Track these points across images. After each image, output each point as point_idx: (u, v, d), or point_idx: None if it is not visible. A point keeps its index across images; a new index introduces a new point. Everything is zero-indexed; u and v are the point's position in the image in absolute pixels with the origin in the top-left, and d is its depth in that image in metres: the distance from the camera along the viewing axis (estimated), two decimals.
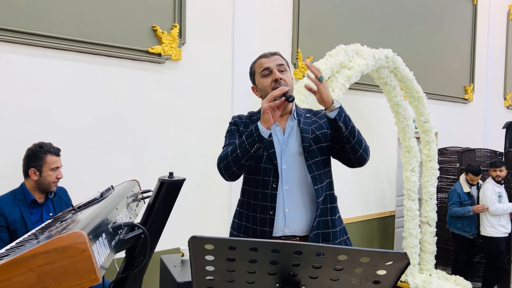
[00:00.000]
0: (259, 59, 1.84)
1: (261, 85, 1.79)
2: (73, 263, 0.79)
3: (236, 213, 1.90)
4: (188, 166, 3.14)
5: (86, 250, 0.79)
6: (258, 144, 1.59)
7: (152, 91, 3.00)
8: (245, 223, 1.80)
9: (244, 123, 1.85)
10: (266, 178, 1.73)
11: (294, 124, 1.80)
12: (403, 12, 4.92)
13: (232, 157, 1.64)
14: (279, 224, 1.72)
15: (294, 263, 0.95)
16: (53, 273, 0.79)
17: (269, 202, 1.72)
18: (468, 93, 6.02)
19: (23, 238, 1.19)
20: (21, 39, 2.44)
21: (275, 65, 1.76)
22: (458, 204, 4.59)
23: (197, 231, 3.13)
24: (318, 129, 1.79)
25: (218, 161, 1.72)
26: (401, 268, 0.94)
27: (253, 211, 1.77)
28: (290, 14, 3.84)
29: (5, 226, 2.19)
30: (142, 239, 1.18)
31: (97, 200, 1.32)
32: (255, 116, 1.85)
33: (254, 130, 1.60)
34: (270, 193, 1.72)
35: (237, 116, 1.92)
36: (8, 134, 2.44)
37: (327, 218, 1.76)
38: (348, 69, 3.60)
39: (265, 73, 1.77)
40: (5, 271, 0.77)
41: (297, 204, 1.72)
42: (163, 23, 3.02)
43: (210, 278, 1.00)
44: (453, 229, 4.69)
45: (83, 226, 0.88)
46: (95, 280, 0.80)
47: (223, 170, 1.70)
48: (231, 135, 1.84)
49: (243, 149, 1.61)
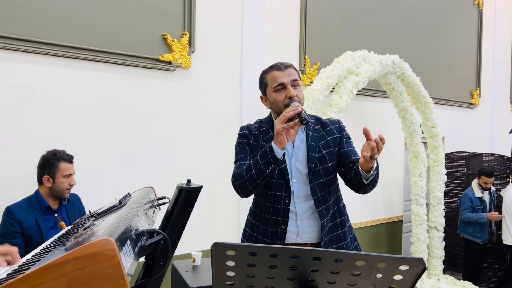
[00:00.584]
0: (272, 70, 1.78)
1: (273, 99, 1.76)
2: (102, 268, 0.82)
3: (248, 222, 1.90)
4: (198, 173, 3.18)
5: (115, 256, 0.82)
6: (273, 165, 1.60)
7: (162, 98, 3.04)
8: (256, 235, 1.81)
9: (254, 136, 1.84)
10: (278, 193, 1.74)
11: (303, 137, 1.79)
12: (409, 18, 4.95)
13: (247, 177, 1.65)
14: (291, 234, 1.74)
15: (312, 269, 0.98)
16: (83, 279, 0.82)
17: (281, 217, 1.73)
18: (474, 98, 6.03)
19: (47, 244, 1.22)
20: (37, 48, 2.49)
21: (289, 80, 1.72)
22: (470, 209, 4.56)
23: (207, 237, 3.16)
24: (325, 147, 1.77)
25: (233, 179, 1.73)
26: (417, 273, 0.96)
27: (264, 224, 1.78)
28: (297, 21, 3.88)
29: (20, 232, 2.23)
30: (161, 245, 1.21)
31: (116, 207, 1.35)
32: (264, 127, 1.85)
33: (268, 152, 1.59)
34: (283, 208, 1.73)
35: (245, 127, 1.90)
36: (23, 141, 2.49)
37: (338, 232, 1.78)
38: (355, 75, 3.63)
39: (278, 88, 1.73)
40: (38, 276, 0.80)
41: (309, 217, 1.74)
42: (173, 32, 3.07)
43: (230, 283, 1.03)
44: (464, 234, 4.66)
45: (110, 233, 0.91)
46: (123, 286, 0.83)
47: (239, 189, 1.71)
48: (242, 148, 1.84)
49: (258, 170, 1.62)
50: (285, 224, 1.72)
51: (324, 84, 3.41)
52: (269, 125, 1.84)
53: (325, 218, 1.73)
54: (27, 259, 1.07)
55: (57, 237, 1.35)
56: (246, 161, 1.75)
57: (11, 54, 2.43)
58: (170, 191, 1.88)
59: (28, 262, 1.03)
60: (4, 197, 2.36)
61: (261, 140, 1.81)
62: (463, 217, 4.61)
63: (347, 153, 1.79)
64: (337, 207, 1.81)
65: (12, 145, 2.46)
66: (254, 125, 1.89)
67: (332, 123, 1.86)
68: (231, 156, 3.46)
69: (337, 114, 3.43)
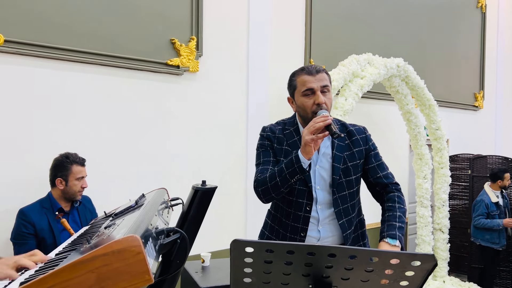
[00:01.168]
0: (302, 73, 1.71)
1: (300, 104, 1.70)
2: (129, 264, 0.86)
3: (266, 225, 1.87)
4: (205, 175, 3.22)
5: (140, 252, 0.86)
6: (299, 175, 1.57)
7: (171, 102, 3.09)
8: (274, 238, 1.79)
9: (278, 139, 1.78)
10: (300, 200, 1.71)
11: (329, 145, 1.74)
12: (413, 22, 4.99)
13: (271, 184, 1.62)
14: (311, 239, 1.72)
15: (327, 265, 1.02)
16: (110, 274, 0.86)
17: (301, 224, 1.70)
18: (478, 100, 6.06)
19: (68, 243, 1.26)
20: (50, 53, 2.55)
21: (319, 86, 1.66)
22: (484, 216, 4.42)
23: (215, 238, 3.20)
24: (350, 159, 1.74)
25: (255, 185, 1.70)
26: (428, 269, 1.00)
27: (283, 229, 1.75)
28: (303, 25, 3.93)
29: (33, 234, 2.27)
30: (178, 244, 1.25)
31: (133, 207, 1.39)
32: (288, 130, 1.79)
33: (295, 161, 1.55)
34: (303, 215, 1.70)
35: (268, 128, 1.83)
36: (37, 144, 2.54)
37: (359, 243, 1.79)
38: (360, 78, 3.67)
39: (307, 93, 1.67)
40: (68, 272, 0.84)
41: (330, 222, 1.73)
42: (181, 36, 3.12)
43: (248, 280, 1.07)
44: (481, 241, 4.50)
45: (133, 231, 0.95)
46: (148, 281, 0.87)
47: (261, 195, 1.68)
48: (265, 151, 1.78)
49: (283, 178, 1.59)
50: (304, 232, 1.70)
51: None
52: (293, 128, 1.79)
53: (348, 230, 1.72)
54: (51, 258, 1.11)
55: (77, 236, 1.39)
56: (269, 165, 1.72)
57: (25, 59, 2.49)
58: (179, 192, 1.93)
59: (54, 260, 1.07)
60: (17, 199, 2.41)
61: (285, 145, 1.76)
62: (476, 223, 4.47)
63: (374, 170, 1.78)
64: (358, 219, 1.82)
65: (25, 147, 2.51)
66: (277, 126, 1.83)
67: (358, 133, 1.80)
68: (238, 159, 3.52)
69: (343, 116, 3.46)
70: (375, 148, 1.83)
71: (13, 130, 2.46)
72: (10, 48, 2.41)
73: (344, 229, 1.71)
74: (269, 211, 1.88)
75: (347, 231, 1.71)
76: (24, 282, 0.89)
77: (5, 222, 2.36)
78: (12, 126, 2.46)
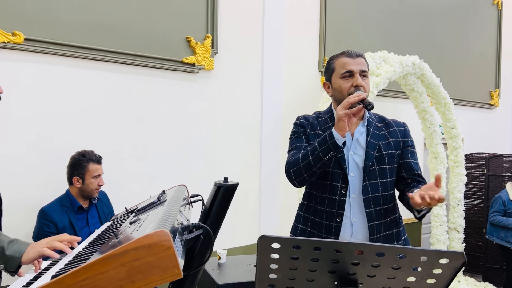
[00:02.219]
0: (342, 56, 1.70)
1: (338, 86, 1.68)
2: (159, 259, 0.87)
3: (299, 217, 1.82)
4: (220, 172, 3.22)
5: (170, 247, 0.87)
6: (332, 152, 1.52)
7: (186, 99, 3.10)
8: (310, 229, 1.73)
9: (311, 125, 1.76)
10: (335, 183, 1.66)
11: (363, 132, 1.71)
12: (428, 19, 4.94)
13: (304, 164, 1.58)
14: (345, 233, 1.66)
15: (354, 262, 1.01)
16: (141, 268, 0.87)
17: (336, 209, 1.65)
18: (494, 99, 5.98)
19: (94, 238, 1.28)
20: (67, 51, 2.58)
21: (358, 69, 1.65)
22: (501, 213, 4.26)
23: (229, 235, 3.21)
24: (386, 148, 1.70)
25: (287, 166, 1.67)
26: (457, 267, 0.99)
27: (319, 217, 1.70)
28: (317, 23, 3.91)
29: (56, 233, 2.28)
30: (201, 239, 1.25)
31: (156, 203, 1.40)
32: (322, 117, 1.78)
33: (328, 138, 1.52)
34: (338, 199, 1.65)
35: (302, 117, 1.82)
36: (54, 142, 2.57)
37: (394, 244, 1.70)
38: (376, 76, 3.65)
39: (346, 75, 1.65)
40: (100, 266, 0.86)
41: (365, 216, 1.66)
42: (197, 34, 3.13)
43: (273, 276, 1.07)
44: (496, 239, 4.34)
45: (161, 226, 0.96)
46: (178, 275, 0.88)
47: (293, 176, 1.64)
48: (298, 137, 1.76)
49: (316, 157, 1.55)
50: (340, 217, 1.64)
51: None
52: (328, 115, 1.77)
53: (375, 221, 1.65)
54: (79, 251, 1.13)
55: (101, 231, 1.40)
56: (301, 150, 1.68)
57: (44, 57, 2.51)
58: (193, 189, 1.93)
59: (83, 254, 1.08)
60: (36, 198, 2.44)
61: (319, 129, 1.74)
62: (492, 220, 4.33)
63: (410, 166, 1.75)
64: (393, 216, 1.73)
65: (44, 144, 2.54)
66: (312, 115, 1.82)
67: (397, 125, 1.79)
68: (253, 157, 3.52)
69: None
70: (413, 145, 1.80)
71: (32, 127, 2.49)
72: (29, 46, 2.44)
73: (370, 218, 1.64)
74: (301, 203, 1.83)
75: (373, 222, 1.65)
76: (56, 275, 0.90)
77: (26, 219, 2.40)
78: (31, 123, 2.49)
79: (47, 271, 1.09)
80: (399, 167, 1.74)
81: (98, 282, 0.85)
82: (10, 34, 2.38)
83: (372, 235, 1.64)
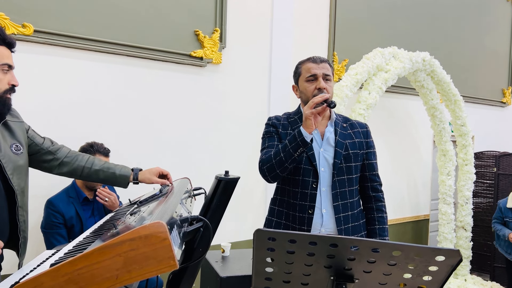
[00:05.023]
0: (307, 62, 1.89)
1: (303, 89, 1.86)
2: (155, 250, 0.89)
3: (272, 211, 1.95)
4: (226, 166, 3.24)
5: (166, 238, 0.88)
6: (301, 148, 1.67)
7: (193, 93, 3.12)
8: (284, 221, 1.87)
9: (283, 125, 1.91)
10: (306, 178, 1.81)
11: (332, 131, 1.87)
12: (439, 14, 4.88)
13: (276, 160, 1.72)
14: (316, 224, 1.81)
15: (350, 257, 1.02)
16: (137, 258, 0.88)
17: (308, 202, 1.80)
18: (506, 97, 5.89)
19: (96, 228, 1.30)
20: (78, 44, 2.60)
21: (322, 73, 1.82)
22: (499, 220, 3.97)
23: (234, 229, 3.23)
24: (352, 147, 1.86)
25: (260, 164, 1.81)
26: (453, 265, 0.99)
27: (292, 209, 1.84)
28: (327, 18, 3.89)
29: (63, 223, 2.33)
30: (201, 232, 1.27)
31: (158, 195, 1.42)
32: (292, 118, 1.93)
33: (297, 135, 1.67)
34: (310, 193, 1.80)
35: (273, 117, 1.97)
36: (62, 134, 2.60)
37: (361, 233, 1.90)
38: (385, 72, 3.62)
39: (310, 79, 1.83)
40: (97, 255, 0.87)
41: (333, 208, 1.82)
42: (205, 28, 3.13)
43: (269, 269, 1.08)
44: (498, 246, 4.06)
45: (159, 217, 0.97)
46: (173, 266, 0.89)
47: (266, 173, 1.78)
48: (270, 137, 1.91)
49: (287, 153, 1.69)
50: (312, 209, 1.79)
51: (353, 81, 3.41)
52: (297, 116, 1.92)
53: (341, 213, 1.81)
54: (80, 241, 1.15)
55: (103, 222, 1.42)
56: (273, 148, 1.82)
57: (54, 49, 2.54)
58: (200, 183, 1.95)
59: (82, 243, 1.10)
60: (44, 187, 2.47)
61: (290, 129, 1.89)
62: (493, 226, 4.06)
63: (372, 166, 1.94)
64: (359, 209, 1.91)
65: (54, 136, 2.57)
66: (283, 116, 1.97)
67: (360, 126, 1.96)
68: (259, 150, 3.52)
69: (366, 110, 3.43)
70: (373, 146, 1.97)
71: (42, 119, 2.52)
72: (39, 38, 2.47)
73: (337, 211, 1.80)
74: (274, 198, 1.97)
75: (340, 214, 1.80)
76: (55, 263, 0.92)
77: (34, 208, 2.43)
78: (40, 114, 2.52)
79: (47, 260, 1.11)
80: (363, 166, 1.92)
81: (95, 271, 0.87)
82: (20, 26, 2.41)
83: (339, 226, 1.80)
